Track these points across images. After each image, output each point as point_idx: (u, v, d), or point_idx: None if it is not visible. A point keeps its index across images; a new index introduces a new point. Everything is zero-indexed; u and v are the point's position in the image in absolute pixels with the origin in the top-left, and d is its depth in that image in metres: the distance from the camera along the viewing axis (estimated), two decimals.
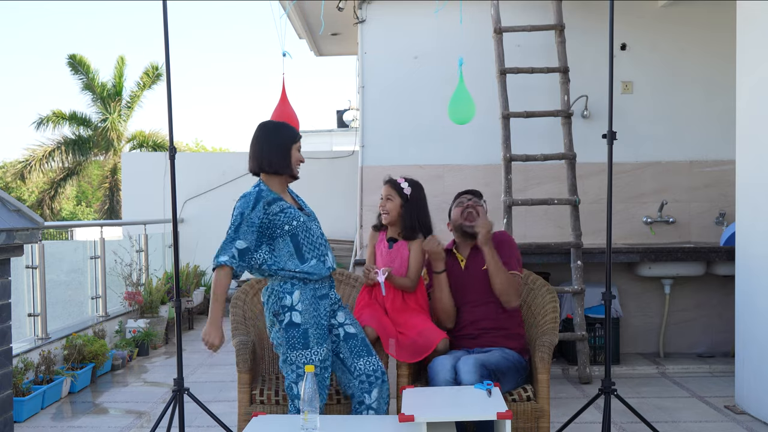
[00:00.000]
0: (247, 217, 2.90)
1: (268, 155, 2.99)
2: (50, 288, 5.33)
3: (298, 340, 2.91)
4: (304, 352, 2.90)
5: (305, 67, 56.12)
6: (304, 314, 2.92)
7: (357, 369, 3.02)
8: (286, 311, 2.92)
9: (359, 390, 3.01)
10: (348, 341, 3.05)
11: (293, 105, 4.18)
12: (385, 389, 3.05)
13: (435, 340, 3.18)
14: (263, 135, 3.03)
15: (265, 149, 2.99)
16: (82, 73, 19.25)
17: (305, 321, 2.91)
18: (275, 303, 2.94)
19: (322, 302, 3.00)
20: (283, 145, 3.00)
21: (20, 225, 3.21)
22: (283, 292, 2.93)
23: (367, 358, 3.04)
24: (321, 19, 6.29)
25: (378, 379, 3.03)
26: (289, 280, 2.94)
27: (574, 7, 5.59)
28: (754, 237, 4.11)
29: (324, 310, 3.00)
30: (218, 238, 2.99)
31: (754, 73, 4.12)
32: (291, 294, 2.92)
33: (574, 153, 5.10)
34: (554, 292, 3.50)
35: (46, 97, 51.46)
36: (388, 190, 3.38)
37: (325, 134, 17.42)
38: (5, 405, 3.27)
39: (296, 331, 2.91)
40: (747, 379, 4.14)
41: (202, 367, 5.64)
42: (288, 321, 2.91)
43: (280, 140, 3.00)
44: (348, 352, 3.04)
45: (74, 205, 26.65)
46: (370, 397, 3.01)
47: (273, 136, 3.01)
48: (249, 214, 2.91)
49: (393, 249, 3.38)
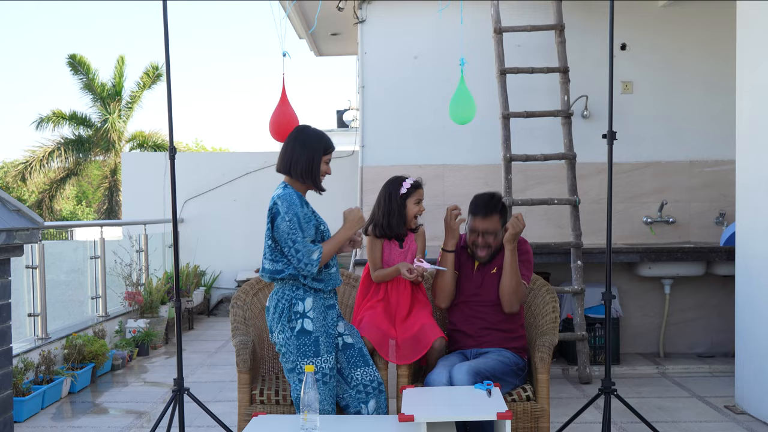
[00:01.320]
0: (301, 215, 2.88)
1: (295, 159, 2.97)
2: (50, 288, 5.32)
3: (310, 347, 2.89)
4: (314, 360, 2.89)
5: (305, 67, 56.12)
6: (316, 322, 2.91)
7: (354, 379, 3.02)
8: (299, 318, 2.90)
9: (356, 400, 3.01)
10: (346, 351, 3.04)
11: (293, 105, 4.17)
12: (383, 400, 3.04)
13: (432, 338, 3.18)
14: (295, 139, 3.02)
15: (294, 153, 2.97)
16: (82, 73, 19.25)
17: (317, 329, 2.90)
18: (287, 308, 2.91)
19: (330, 312, 3.01)
20: (311, 154, 2.96)
21: (20, 225, 3.21)
22: (296, 298, 2.91)
23: (364, 369, 3.03)
24: (315, 18, 6.29)
25: (375, 389, 3.02)
26: (301, 287, 2.92)
27: (574, 7, 5.59)
28: (754, 237, 4.11)
29: (332, 320, 3.00)
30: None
31: (754, 73, 4.12)
32: (303, 300, 2.91)
33: (574, 153, 5.10)
34: (554, 292, 3.50)
35: (46, 98, 51.49)
36: (422, 194, 3.37)
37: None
38: (5, 405, 3.27)
39: (308, 339, 2.89)
40: (747, 379, 4.14)
41: (202, 367, 5.64)
42: (300, 328, 2.89)
43: (309, 149, 2.97)
44: (345, 362, 3.03)
45: (74, 205, 26.65)
46: (367, 408, 3.00)
47: (304, 142, 2.98)
48: (300, 211, 2.89)
49: (404, 247, 3.38)
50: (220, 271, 8.88)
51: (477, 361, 3.10)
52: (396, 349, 3.19)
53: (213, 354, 6.16)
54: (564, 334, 4.84)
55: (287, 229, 2.86)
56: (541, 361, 3.09)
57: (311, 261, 2.86)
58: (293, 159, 2.97)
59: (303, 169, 2.95)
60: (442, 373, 3.05)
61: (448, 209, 3.34)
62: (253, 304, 3.56)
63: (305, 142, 2.99)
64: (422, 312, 3.31)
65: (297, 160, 2.96)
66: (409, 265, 3.22)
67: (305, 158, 2.96)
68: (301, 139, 3.00)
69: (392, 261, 3.35)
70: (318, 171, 2.98)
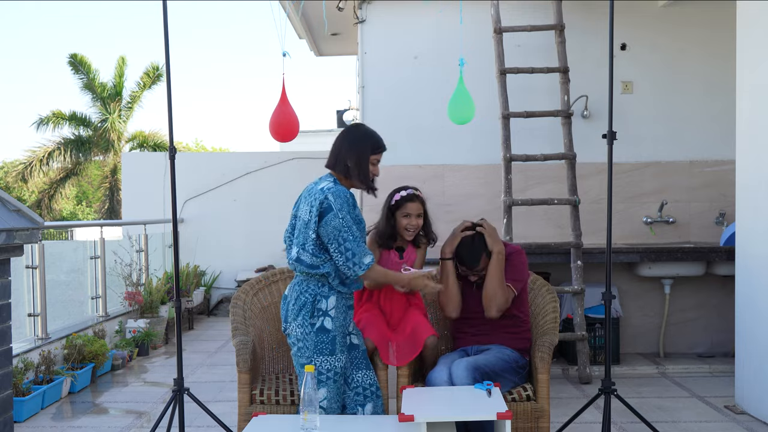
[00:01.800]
0: (353, 215, 2.86)
1: (342, 157, 2.95)
2: (50, 288, 5.32)
3: (326, 345, 2.88)
4: (329, 358, 2.88)
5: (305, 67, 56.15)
6: (336, 321, 2.91)
7: (354, 380, 3.02)
8: (321, 315, 2.89)
9: (353, 402, 3.01)
10: (350, 351, 3.04)
11: (293, 105, 4.16)
12: (380, 405, 3.04)
13: (424, 336, 3.18)
14: (345, 136, 3.01)
15: (343, 151, 2.96)
16: (83, 73, 19.26)
17: (335, 328, 2.90)
18: (310, 303, 2.89)
19: (349, 312, 3.01)
20: (359, 152, 2.94)
21: (20, 225, 3.21)
22: (320, 295, 2.90)
23: (365, 372, 3.04)
24: (323, 18, 6.28)
25: (373, 393, 3.03)
26: (327, 284, 2.91)
27: (574, 7, 5.59)
28: (754, 237, 4.11)
29: (348, 320, 3.01)
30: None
31: (754, 73, 4.12)
32: (327, 298, 2.90)
33: (574, 153, 5.10)
34: (554, 292, 3.50)
35: (46, 98, 51.48)
36: (418, 207, 3.30)
37: (325, 134, 17.40)
38: (5, 405, 3.27)
39: (326, 337, 2.88)
40: (747, 379, 4.14)
41: (202, 367, 5.64)
42: (320, 326, 2.88)
43: (357, 147, 2.94)
44: (349, 362, 3.03)
45: (74, 205, 26.65)
46: (364, 411, 3.00)
47: (352, 141, 2.97)
48: (353, 211, 2.87)
49: (404, 257, 3.37)
50: (220, 271, 8.88)
51: (477, 357, 3.11)
52: (395, 351, 3.19)
53: (213, 354, 6.16)
54: (564, 334, 4.84)
55: (339, 227, 2.82)
56: (541, 361, 3.09)
57: (361, 263, 2.84)
58: (341, 156, 2.95)
59: (352, 167, 2.93)
60: (442, 370, 3.06)
61: (463, 222, 3.37)
62: (253, 304, 3.56)
63: (353, 141, 2.96)
64: (414, 312, 3.32)
65: (345, 157, 2.94)
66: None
67: (354, 157, 2.93)
68: (350, 137, 2.99)
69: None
70: (367, 170, 2.95)
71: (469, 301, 3.36)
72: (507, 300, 3.26)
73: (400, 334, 3.24)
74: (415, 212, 3.29)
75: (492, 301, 3.23)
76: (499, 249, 3.27)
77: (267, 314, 3.55)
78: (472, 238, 3.33)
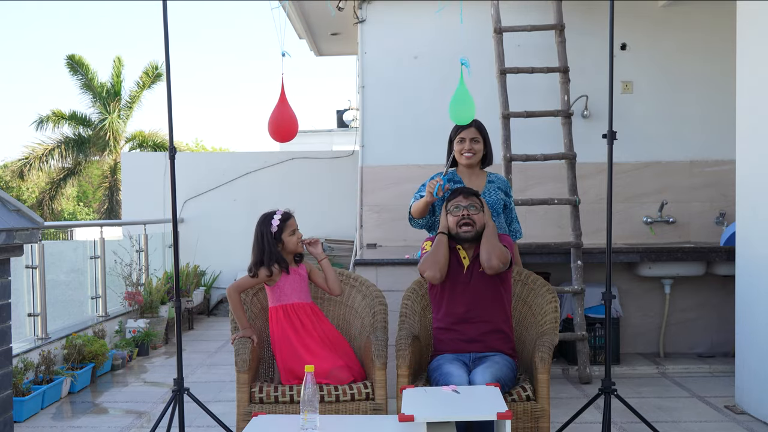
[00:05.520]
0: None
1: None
2: (50, 288, 5.32)
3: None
4: None
5: (305, 67, 56.11)
6: None
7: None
8: None
9: None
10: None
11: (293, 105, 4.15)
12: None
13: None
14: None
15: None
16: (81, 74, 19.24)
17: None
18: None
19: None
20: (449, 140, 3.76)
21: (20, 225, 3.21)
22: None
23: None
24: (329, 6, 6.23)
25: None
26: None
27: (574, 7, 5.59)
28: (754, 237, 4.11)
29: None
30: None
31: (754, 73, 4.11)
32: None
33: (574, 153, 5.10)
34: (554, 292, 3.49)
35: (46, 98, 51.50)
36: (294, 223, 3.45)
37: (325, 134, 17.39)
38: (5, 405, 3.27)
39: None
40: (747, 379, 4.14)
41: (202, 367, 5.64)
42: None
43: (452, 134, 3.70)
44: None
45: (74, 205, 26.65)
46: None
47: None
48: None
49: (290, 272, 3.42)
50: (220, 271, 8.87)
51: (492, 368, 3.04)
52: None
53: (213, 354, 6.16)
54: (564, 334, 4.84)
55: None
56: (541, 361, 3.09)
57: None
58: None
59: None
60: (462, 375, 3.00)
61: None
62: (253, 304, 3.56)
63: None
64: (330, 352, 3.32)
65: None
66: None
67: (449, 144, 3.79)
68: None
69: (285, 288, 3.36)
70: (453, 150, 3.79)
71: (458, 303, 3.28)
72: (506, 255, 3.21)
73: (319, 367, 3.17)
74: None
75: (492, 253, 3.16)
76: (491, 224, 3.29)
77: (267, 314, 3.55)
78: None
